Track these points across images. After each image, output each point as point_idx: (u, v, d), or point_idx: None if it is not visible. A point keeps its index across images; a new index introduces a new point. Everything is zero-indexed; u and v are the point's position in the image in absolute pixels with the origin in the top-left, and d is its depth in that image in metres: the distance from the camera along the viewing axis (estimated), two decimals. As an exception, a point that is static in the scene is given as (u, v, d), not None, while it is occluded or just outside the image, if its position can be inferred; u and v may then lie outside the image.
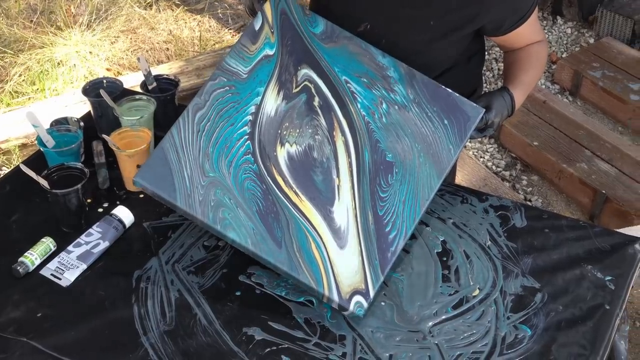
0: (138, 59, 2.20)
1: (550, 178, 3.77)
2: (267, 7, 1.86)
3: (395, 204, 1.76)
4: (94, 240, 1.84)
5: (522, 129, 3.90)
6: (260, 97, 1.77)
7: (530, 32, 2.01)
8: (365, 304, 1.64)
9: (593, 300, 1.75)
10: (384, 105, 1.84)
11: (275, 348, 1.62)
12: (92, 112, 2.18)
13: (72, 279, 1.77)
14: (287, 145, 1.75)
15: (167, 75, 2.27)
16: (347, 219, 1.72)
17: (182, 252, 1.83)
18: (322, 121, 1.80)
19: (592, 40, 4.74)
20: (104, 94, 2.06)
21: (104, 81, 2.20)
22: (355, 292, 1.65)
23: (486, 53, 4.00)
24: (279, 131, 1.76)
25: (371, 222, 1.73)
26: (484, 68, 4.41)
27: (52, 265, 1.79)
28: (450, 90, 1.87)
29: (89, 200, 1.95)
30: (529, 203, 3.57)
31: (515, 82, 2.02)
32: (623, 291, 1.77)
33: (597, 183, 3.55)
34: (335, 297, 1.64)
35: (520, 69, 2.04)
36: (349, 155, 1.78)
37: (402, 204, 1.76)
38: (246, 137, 1.73)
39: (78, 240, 1.84)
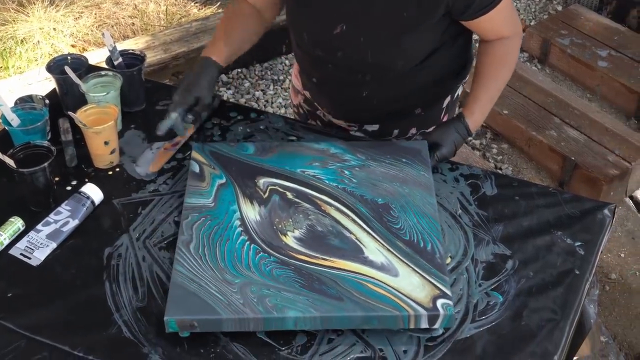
0: (103, 34, 2.18)
1: (520, 146, 3.79)
2: (195, 154, 1.95)
3: (413, 226, 1.78)
4: (63, 218, 1.82)
5: (491, 98, 3.91)
6: (238, 212, 1.79)
7: (502, 20, 1.95)
8: (451, 302, 1.60)
9: (563, 265, 1.76)
10: (347, 172, 1.92)
11: (248, 321, 1.62)
12: (57, 89, 2.16)
13: (42, 258, 1.75)
14: (289, 233, 1.75)
15: (132, 50, 2.24)
16: (383, 255, 1.70)
17: (152, 229, 1.83)
18: (306, 205, 1.82)
19: (560, 8, 4.76)
20: (69, 70, 2.04)
21: (69, 58, 2.18)
22: (434, 298, 1.60)
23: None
24: (274, 227, 1.76)
25: (405, 247, 1.72)
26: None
27: (22, 244, 1.77)
28: (391, 139, 2.07)
29: (56, 179, 1.93)
30: (499, 171, 3.59)
31: (475, 105, 2.01)
32: (592, 256, 1.79)
33: (567, 150, 3.57)
34: (422, 311, 1.57)
35: (482, 86, 2.02)
36: (348, 216, 1.80)
37: (418, 224, 1.78)
38: (248, 242, 1.72)
39: (47, 219, 1.82)
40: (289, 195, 1.84)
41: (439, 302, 1.59)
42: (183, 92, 1.93)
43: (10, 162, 1.82)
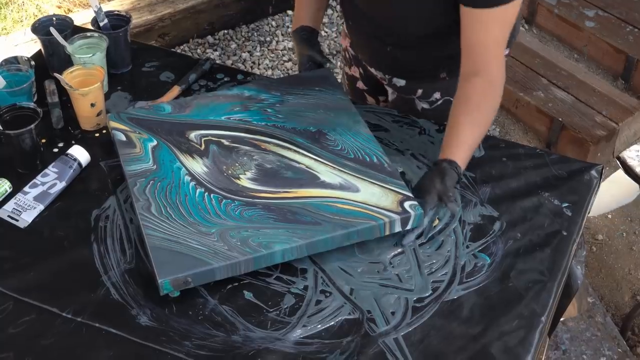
0: (88, -5, 2.16)
1: (507, 107, 3.79)
2: (114, 124, 1.89)
3: (352, 144, 1.84)
4: (50, 180, 1.82)
5: (478, 59, 3.90)
6: (184, 168, 1.77)
7: (495, 36, 1.81)
8: (416, 202, 1.68)
9: (550, 227, 1.77)
10: (269, 110, 1.94)
11: (237, 284, 1.62)
12: (42, 50, 2.14)
13: (30, 220, 1.75)
14: (241, 176, 1.75)
15: (118, 11, 2.23)
16: (338, 176, 1.75)
17: (140, 191, 1.82)
18: (246, 147, 1.83)
19: (547, -32, 4.73)
20: (55, 32, 2.02)
21: (54, 19, 2.16)
22: (400, 202, 1.68)
23: None
24: (225, 174, 1.76)
25: (353, 164, 1.78)
26: None
27: (9, 206, 1.77)
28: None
29: (43, 141, 1.92)
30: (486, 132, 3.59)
31: (459, 150, 1.81)
32: (580, 217, 1.80)
33: (554, 111, 3.57)
34: (394, 216, 1.65)
35: (461, 131, 1.82)
36: (289, 149, 1.82)
37: (355, 141, 1.85)
38: (206, 193, 1.71)
39: (34, 180, 1.82)
40: (225, 142, 1.84)
41: (406, 204, 1.68)
42: (300, 65, 2.11)
43: (-4, 124, 1.81)
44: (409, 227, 1.68)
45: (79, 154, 1.87)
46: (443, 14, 1.85)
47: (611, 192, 2.02)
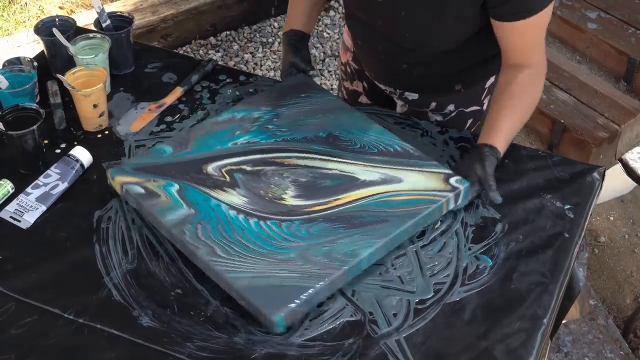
0: (91, -4, 2.16)
1: (509, 109, 3.78)
2: (121, 178, 1.76)
3: (368, 140, 1.85)
4: (53, 181, 1.82)
5: (481, 60, 3.90)
6: (222, 204, 1.69)
7: (534, 38, 1.84)
8: (460, 177, 1.74)
9: (553, 229, 1.76)
10: (270, 126, 1.90)
11: (239, 285, 1.62)
12: (45, 51, 2.14)
13: (32, 220, 1.75)
14: (284, 196, 1.72)
15: (121, 12, 2.23)
16: (375, 172, 1.77)
17: (142, 192, 1.82)
18: (270, 167, 1.78)
19: (549, -31, 4.72)
20: (57, 32, 2.02)
21: (57, 20, 2.16)
22: (445, 179, 1.73)
23: None
24: (266, 198, 1.71)
25: (381, 157, 1.80)
26: None
27: (11, 207, 1.77)
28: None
29: (45, 142, 1.92)
30: (488, 134, 3.59)
31: (499, 136, 1.83)
32: (582, 219, 1.79)
33: (556, 113, 3.57)
34: (448, 194, 1.70)
35: (505, 117, 1.85)
36: (312, 159, 1.81)
37: (370, 136, 1.86)
38: (261, 221, 1.66)
39: (36, 181, 1.82)
40: (247, 168, 1.78)
41: (452, 180, 1.73)
42: (282, 72, 2.10)
43: (-1, 125, 1.81)
44: (459, 202, 1.73)
45: (81, 155, 1.87)
46: (467, 27, 1.85)
47: (607, 182, 2.04)
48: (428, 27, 1.85)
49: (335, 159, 1.80)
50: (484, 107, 2.14)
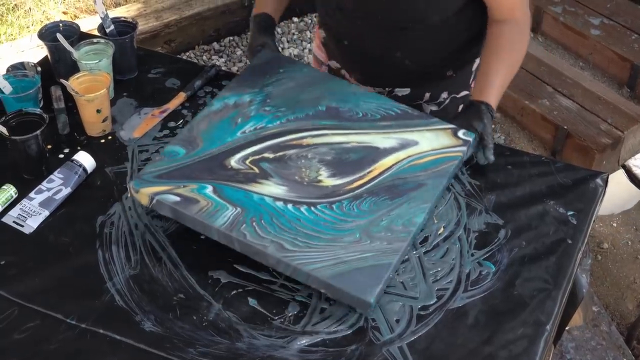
0: (95, 1, 2.16)
1: (512, 115, 3.79)
2: (148, 190, 1.70)
3: (367, 107, 1.91)
4: (56, 186, 1.82)
5: (484, 66, 3.90)
6: (265, 197, 1.69)
7: None
8: (464, 129, 1.84)
9: (555, 235, 1.76)
10: (267, 108, 1.90)
11: (241, 290, 1.62)
12: (49, 56, 2.15)
13: (35, 225, 1.75)
14: (320, 178, 1.74)
15: (124, 18, 2.23)
16: (387, 138, 1.84)
17: (145, 197, 1.82)
18: (292, 151, 1.80)
19: (552, -24, 4.73)
20: (61, 38, 2.02)
21: (61, 25, 2.16)
22: (454, 134, 1.84)
23: None
24: (305, 183, 1.73)
25: (387, 122, 1.88)
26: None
27: (14, 212, 1.77)
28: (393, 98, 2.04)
29: (49, 147, 1.92)
30: (491, 140, 3.59)
31: (490, 89, 1.91)
32: (585, 226, 1.79)
33: (559, 119, 3.57)
34: (461, 148, 1.81)
35: (495, 71, 1.93)
36: (325, 135, 1.85)
37: (367, 103, 1.92)
38: (311, 207, 1.68)
39: (39, 186, 1.82)
40: (269, 155, 1.79)
41: (460, 134, 1.84)
42: (250, 52, 2.10)
43: (3, 130, 1.81)
44: (468, 153, 1.83)
45: (85, 159, 1.87)
46: None
47: (613, 194, 2.02)
48: None
49: (346, 131, 1.85)
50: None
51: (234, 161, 1.77)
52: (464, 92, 2.18)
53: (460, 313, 1.60)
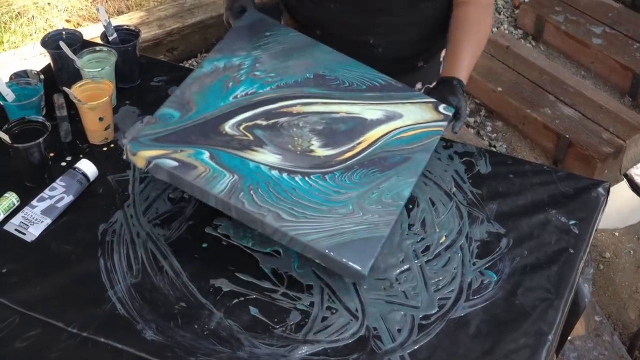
0: (97, 9, 2.16)
1: (514, 124, 3.79)
2: (145, 153, 1.69)
3: (353, 77, 1.95)
4: (58, 194, 1.82)
5: (485, 75, 3.91)
6: (261, 165, 1.72)
7: None
8: (444, 104, 1.89)
9: (557, 244, 1.76)
10: (257, 72, 1.92)
11: (243, 299, 1.62)
12: (52, 64, 2.15)
13: (37, 233, 1.75)
14: (312, 147, 1.78)
15: (127, 26, 2.23)
16: (373, 109, 1.88)
17: (147, 205, 1.82)
18: (283, 119, 1.82)
19: (554, -15, 4.74)
20: (64, 45, 2.03)
21: (64, 33, 2.17)
22: (435, 109, 1.88)
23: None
24: (298, 153, 1.76)
25: (373, 94, 1.91)
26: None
27: (16, 220, 1.77)
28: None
29: (51, 154, 1.93)
30: (493, 149, 3.59)
31: (460, 66, 1.97)
32: (587, 235, 1.79)
33: (561, 128, 3.57)
34: (442, 123, 1.86)
35: (463, 50, 1.99)
36: (315, 103, 1.86)
37: (352, 72, 1.96)
38: (305, 177, 1.72)
39: (42, 194, 1.82)
40: (262, 122, 1.81)
41: (440, 108, 1.88)
42: (231, 13, 2.10)
43: (5, 138, 1.81)
44: (445, 124, 1.87)
45: (87, 167, 1.87)
46: None
47: (617, 206, 2.01)
48: None
49: (335, 100, 1.88)
50: None
51: (228, 127, 1.79)
52: (434, 86, 2.18)
53: (461, 322, 1.60)
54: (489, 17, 2.06)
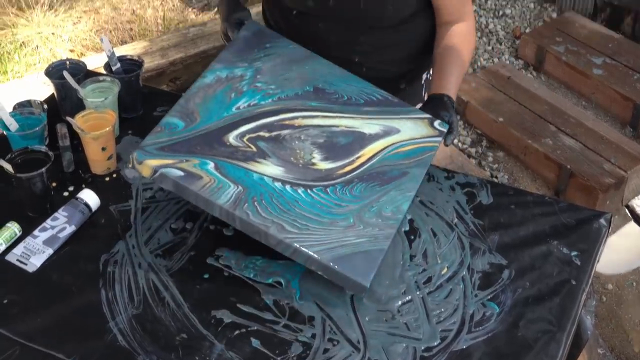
0: (101, 39, 2.18)
1: (515, 154, 3.79)
2: (151, 162, 1.71)
3: (351, 90, 1.98)
4: (60, 224, 1.82)
5: (487, 105, 3.92)
6: (264, 177, 1.74)
7: None
8: (439, 120, 1.94)
9: (559, 276, 1.76)
10: (259, 84, 1.94)
11: (244, 330, 1.62)
12: (55, 94, 2.16)
13: (39, 264, 1.75)
14: (313, 161, 1.81)
15: (130, 55, 2.25)
16: (372, 124, 1.91)
17: (149, 235, 1.82)
18: (285, 132, 1.85)
19: (554, 15, 4.76)
20: (68, 75, 2.04)
21: (67, 63, 2.18)
22: (430, 124, 1.93)
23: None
24: (300, 165, 1.79)
25: (371, 108, 1.95)
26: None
27: (18, 250, 1.77)
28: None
29: (54, 184, 1.93)
30: (495, 180, 3.59)
31: (449, 85, 2.03)
32: (589, 266, 1.79)
33: (562, 158, 3.57)
34: (437, 139, 1.91)
35: (449, 71, 2.05)
36: (315, 117, 1.90)
37: (350, 86, 1.99)
38: (308, 190, 1.75)
39: (44, 224, 1.82)
40: (265, 134, 1.83)
41: (435, 124, 1.93)
42: (230, 25, 2.09)
43: (8, 167, 1.81)
44: (440, 139, 1.92)
45: (89, 197, 1.87)
46: None
47: (625, 246, 2.00)
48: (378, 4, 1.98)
49: (335, 114, 1.91)
50: None
51: (232, 138, 1.81)
52: (419, 105, 2.20)
53: (464, 355, 1.59)
54: (473, 37, 2.14)
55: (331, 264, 1.62)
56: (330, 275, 1.64)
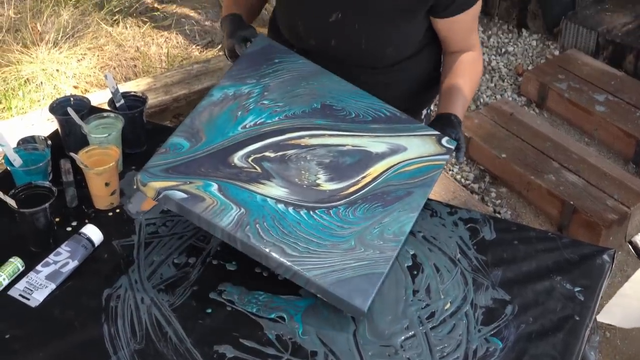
0: (105, 76, 2.19)
1: (518, 190, 3.79)
2: (155, 184, 1.74)
3: (359, 107, 1.99)
4: (63, 259, 1.82)
5: (490, 142, 3.93)
6: (267, 198, 1.75)
7: (470, 26, 2.12)
8: (447, 137, 1.96)
9: (563, 311, 1.76)
10: (265, 102, 1.94)
11: (247, 365, 1.61)
12: (59, 130, 2.17)
13: (41, 299, 1.75)
14: (318, 181, 1.82)
15: (134, 92, 2.26)
16: (378, 142, 1.92)
17: (152, 270, 1.82)
18: (291, 151, 1.86)
19: (557, 52, 4.79)
20: (72, 111, 2.05)
21: (71, 99, 2.19)
22: (438, 142, 1.94)
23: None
24: (304, 186, 1.80)
25: (378, 125, 1.96)
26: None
27: (21, 285, 1.77)
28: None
29: (57, 219, 1.93)
30: (498, 215, 3.59)
31: (457, 109, 2.08)
32: (592, 302, 1.78)
33: (565, 194, 3.57)
34: (445, 157, 1.92)
35: (456, 97, 2.09)
36: (321, 135, 1.91)
37: (358, 102, 1.99)
38: (310, 212, 1.76)
39: (47, 259, 1.82)
40: (270, 154, 1.84)
41: (443, 142, 1.95)
42: (238, 41, 2.07)
43: (12, 203, 1.82)
44: (447, 156, 1.94)
45: (92, 233, 1.87)
46: (416, 29, 2.05)
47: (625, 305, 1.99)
48: (382, 33, 2.00)
49: (342, 132, 1.92)
50: None
51: (237, 158, 1.81)
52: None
53: (467, 390, 1.58)
54: (480, 64, 2.20)
55: (330, 288, 1.63)
56: (329, 299, 1.65)
